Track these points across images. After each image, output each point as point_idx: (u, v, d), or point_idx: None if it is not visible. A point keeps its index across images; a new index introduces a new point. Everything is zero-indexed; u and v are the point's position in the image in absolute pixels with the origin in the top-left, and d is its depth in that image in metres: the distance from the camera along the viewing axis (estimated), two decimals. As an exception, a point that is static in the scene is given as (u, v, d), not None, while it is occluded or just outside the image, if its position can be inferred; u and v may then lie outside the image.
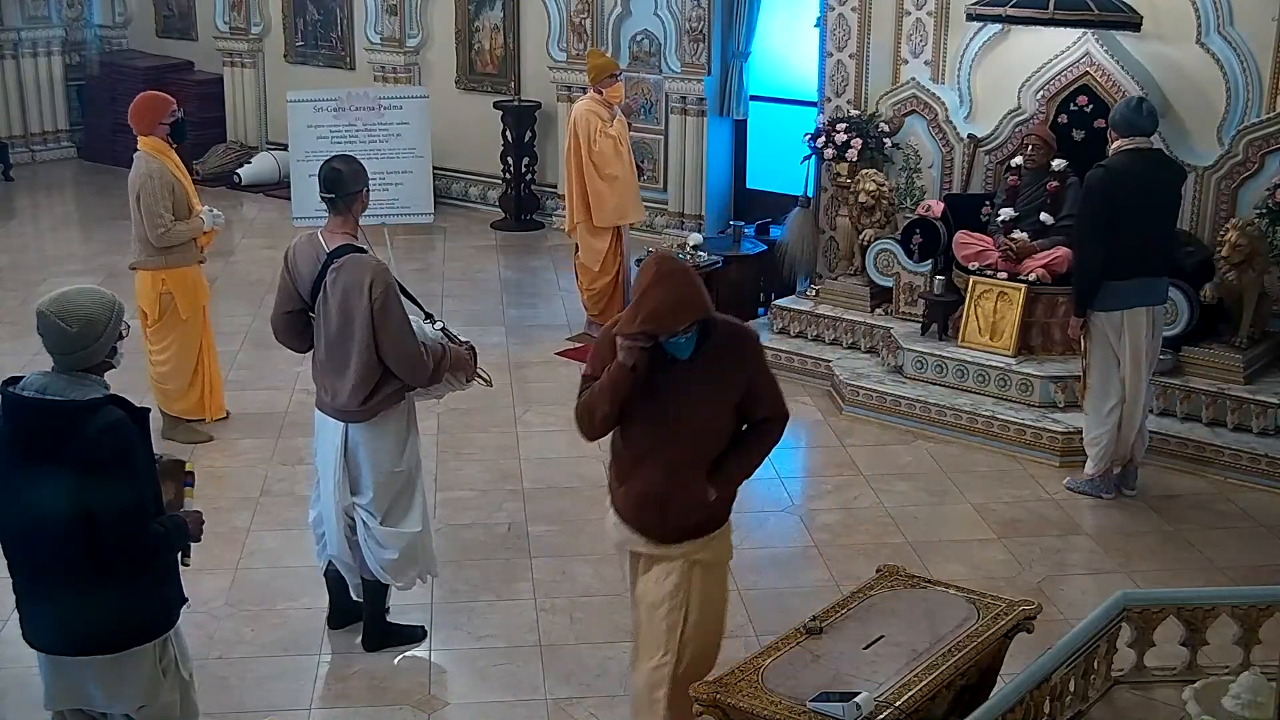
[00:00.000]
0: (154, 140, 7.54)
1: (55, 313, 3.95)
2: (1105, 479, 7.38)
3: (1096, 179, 7.08)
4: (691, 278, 4.48)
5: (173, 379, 7.82)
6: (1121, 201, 6.96)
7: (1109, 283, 7.06)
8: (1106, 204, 7.00)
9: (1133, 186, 6.98)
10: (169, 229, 7.49)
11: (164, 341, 7.76)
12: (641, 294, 4.41)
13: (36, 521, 3.96)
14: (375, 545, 5.66)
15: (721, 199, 11.72)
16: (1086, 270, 7.14)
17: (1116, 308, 7.10)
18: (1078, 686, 5.13)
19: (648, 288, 4.38)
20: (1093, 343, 7.22)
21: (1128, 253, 7.01)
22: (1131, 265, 7.05)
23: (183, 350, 7.79)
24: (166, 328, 7.73)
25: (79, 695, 4.19)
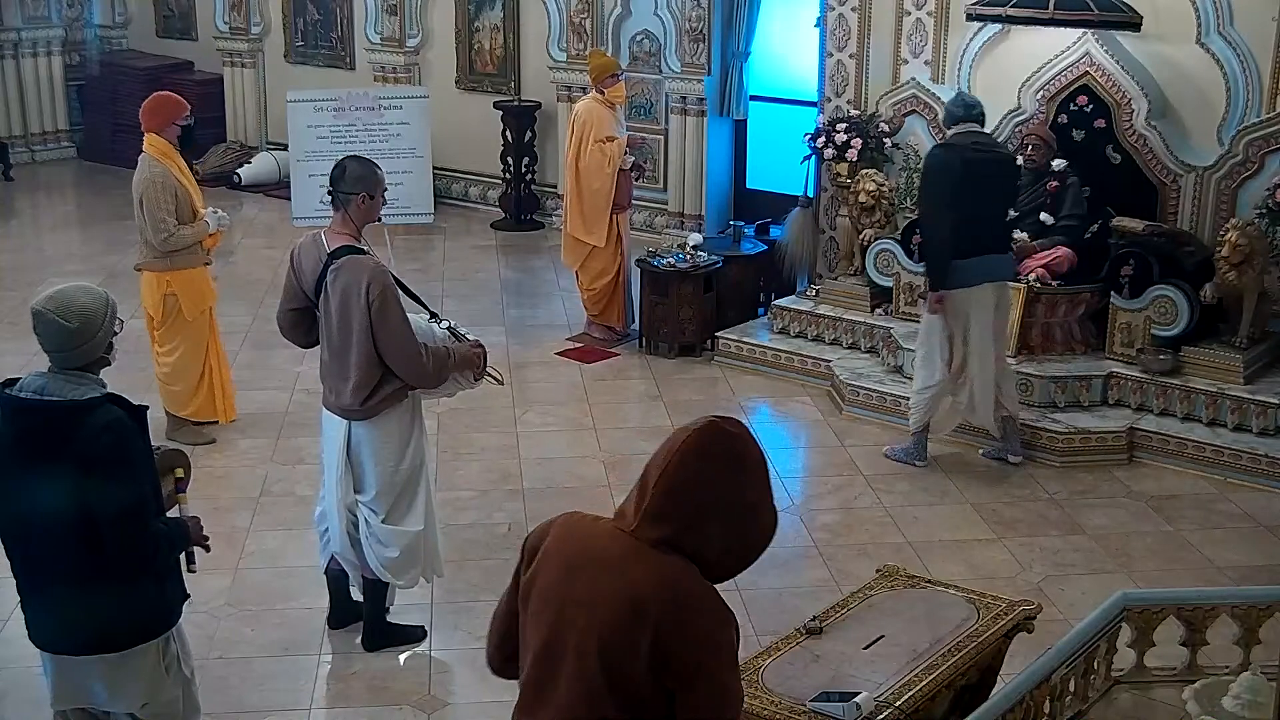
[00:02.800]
0: (161, 141, 7.50)
1: (53, 309, 3.94)
2: (918, 445, 7.65)
3: (936, 157, 7.49)
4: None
5: (179, 380, 7.81)
6: (961, 179, 7.23)
7: (954, 260, 7.31)
8: (948, 180, 7.27)
9: (969, 164, 7.26)
10: (173, 234, 7.47)
11: (170, 343, 7.75)
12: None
13: (37, 522, 3.96)
14: (377, 543, 5.66)
15: (721, 199, 11.72)
16: (937, 246, 7.39)
17: (962, 285, 7.32)
18: (1078, 686, 5.13)
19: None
20: (930, 320, 7.47)
21: (968, 230, 7.25)
22: (972, 242, 7.29)
23: (189, 352, 7.78)
24: (172, 329, 7.72)
25: (83, 694, 4.20)
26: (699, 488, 2.83)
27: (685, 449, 2.84)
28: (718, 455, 2.84)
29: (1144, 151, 8.38)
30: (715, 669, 2.80)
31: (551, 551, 2.94)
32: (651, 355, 9.35)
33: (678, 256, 9.35)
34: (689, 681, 2.76)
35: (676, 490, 2.83)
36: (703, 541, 2.83)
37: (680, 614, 2.77)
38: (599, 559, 2.85)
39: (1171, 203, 8.37)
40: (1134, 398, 7.99)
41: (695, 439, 2.85)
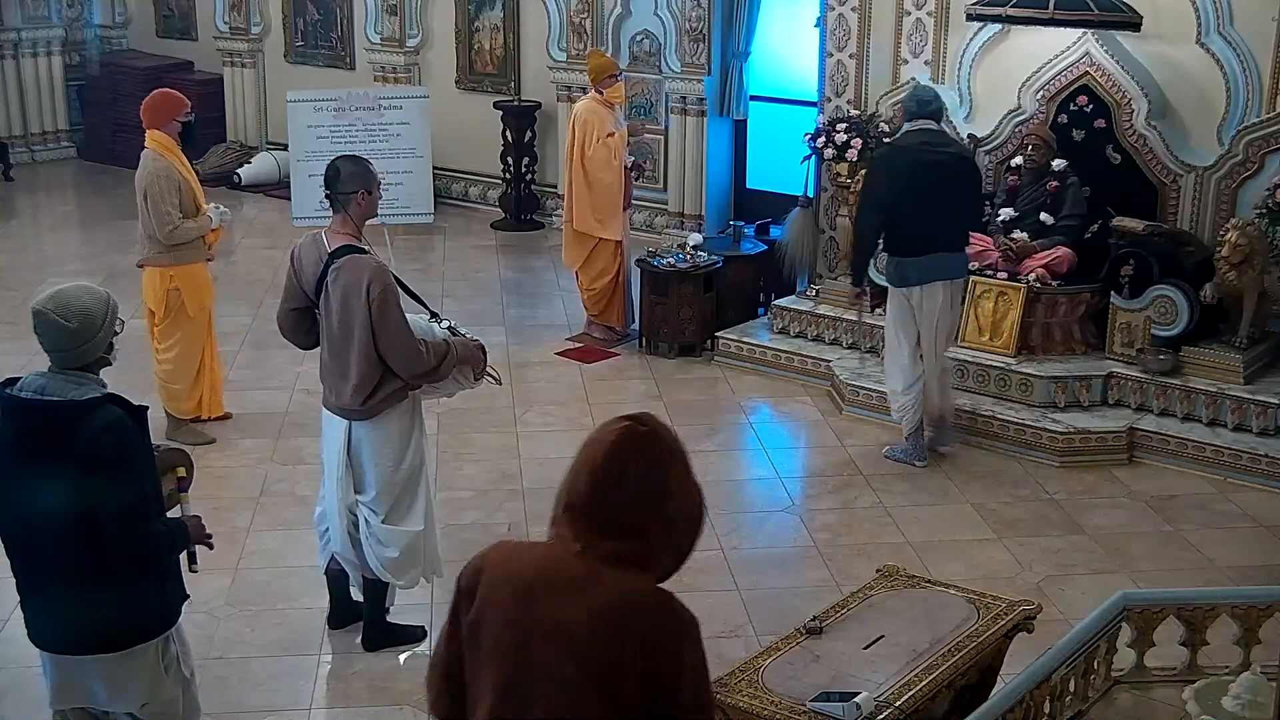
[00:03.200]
0: (163, 137, 7.54)
1: (53, 309, 3.95)
2: (916, 446, 7.69)
3: (880, 156, 7.69)
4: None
5: (178, 378, 7.82)
6: (904, 179, 7.34)
7: (901, 260, 7.48)
8: (884, 181, 7.44)
9: (916, 165, 7.35)
10: (177, 226, 7.50)
11: (169, 340, 7.76)
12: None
13: (37, 522, 3.96)
14: (376, 543, 5.66)
15: (721, 199, 11.72)
16: (859, 241, 7.70)
17: (913, 283, 7.46)
18: (1078, 686, 5.13)
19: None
20: (893, 318, 7.60)
21: (915, 230, 7.37)
22: (920, 242, 7.40)
23: (187, 348, 7.80)
24: (173, 326, 7.73)
25: (82, 694, 4.20)
26: (636, 495, 2.78)
27: (612, 458, 2.78)
28: (644, 457, 2.79)
29: (1144, 151, 8.38)
30: (697, 668, 2.80)
31: (496, 584, 2.84)
32: (651, 355, 9.35)
33: (678, 256, 9.35)
34: (675, 687, 2.76)
35: (613, 502, 2.77)
36: (651, 544, 2.79)
37: (658, 625, 2.75)
38: (555, 584, 2.77)
39: (1171, 203, 8.37)
40: (1134, 398, 7.99)
41: (619, 446, 2.78)
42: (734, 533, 6.94)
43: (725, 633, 5.99)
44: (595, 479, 2.78)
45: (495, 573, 2.87)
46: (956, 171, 7.49)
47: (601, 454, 2.78)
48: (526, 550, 2.93)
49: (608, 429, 2.81)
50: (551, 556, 2.82)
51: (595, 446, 2.81)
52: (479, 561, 2.92)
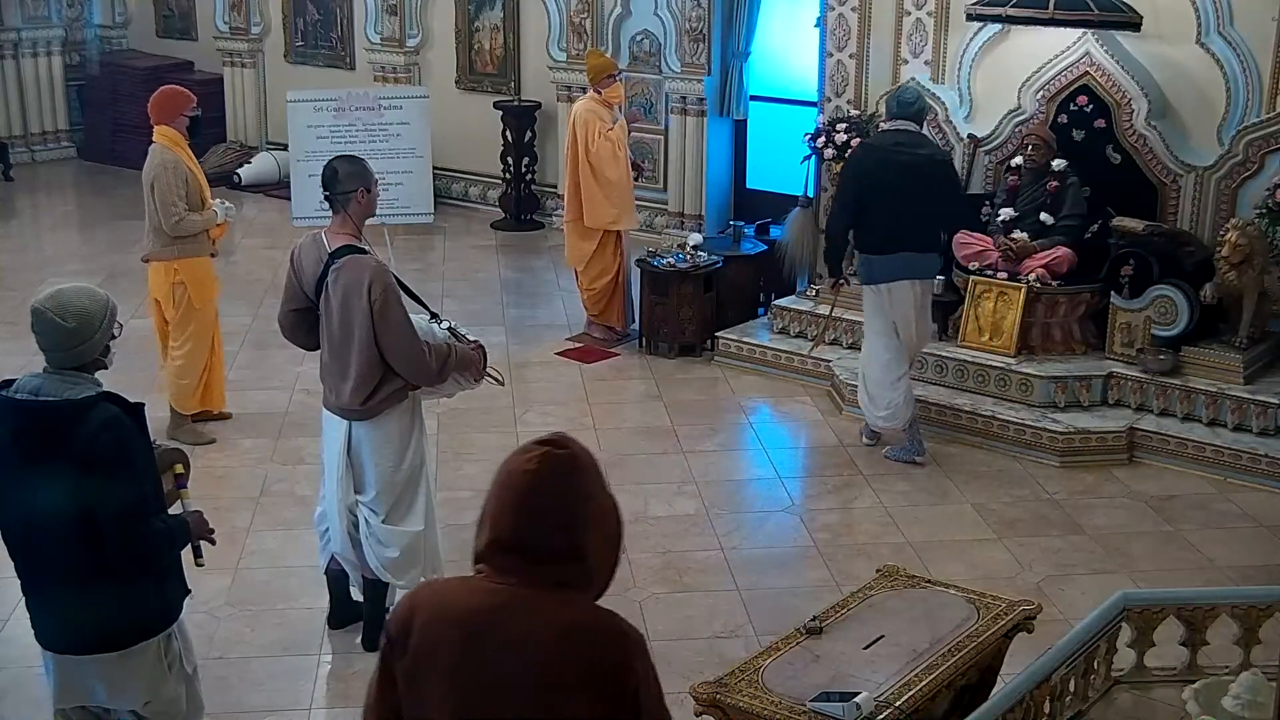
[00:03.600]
0: (171, 132, 7.59)
1: (51, 308, 3.95)
2: (914, 441, 7.75)
3: (853, 155, 7.86)
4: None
5: (188, 373, 7.85)
6: (872, 177, 7.46)
7: (869, 257, 7.60)
8: (854, 177, 7.59)
9: (886, 164, 7.45)
10: (183, 218, 7.53)
11: (183, 335, 7.80)
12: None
13: (38, 522, 3.96)
14: (377, 543, 5.66)
15: (721, 199, 11.72)
16: (829, 236, 7.90)
17: (881, 280, 7.56)
18: (1078, 686, 5.13)
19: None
20: (868, 314, 7.73)
21: (883, 228, 7.47)
22: (888, 240, 7.48)
23: (198, 344, 7.83)
24: (185, 320, 7.76)
25: (84, 693, 4.20)
26: (567, 519, 2.71)
27: (538, 488, 2.71)
28: (569, 480, 2.73)
29: (1144, 151, 8.38)
30: (650, 683, 2.78)
31: (435, 626, 2.75)
32: (651, 355, 9.35)
33: (678, 256, 9.35)
34: (633, 705, 2.74)
35: (546, 530, 2.71)
36: (588, 564, 2.74)
37: (608, 647, 2.72)
38: (498, 620, 2.70)
39: (1171, 203, 8.37)
40: (1134, 398, 7.99)
41: (543, 475, 2.71)
42: (734, 533, 6.94)
43: (725, 633, 5.99)
44: (524, 511, 2.71)
45: (430, 615, 2.77)
46: (927, 173, 7.49)
47: (527, 484, 2.71)
48: (459, 589, 2.80)
49: (526, 457, 2.73)
50: (489, 592, 2.73)
51: (518, 477, 2.72)
52: (408, 605, 2.82)
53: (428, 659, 2.74)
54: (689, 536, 6.89)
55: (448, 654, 2.73)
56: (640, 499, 7.24)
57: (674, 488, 7.42)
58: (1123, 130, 8.41)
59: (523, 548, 2.71)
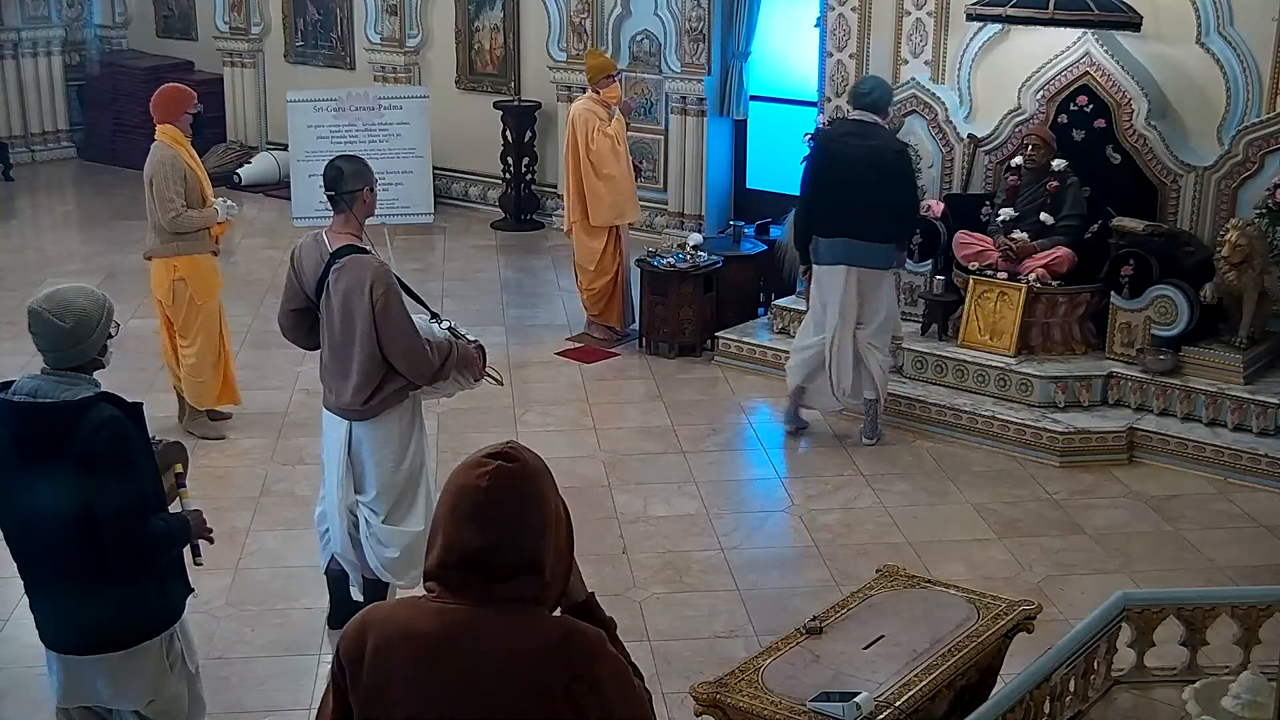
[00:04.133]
0: (173, 130, 7.61)
1: (49, 309, 3.95)
2: (789, 411, 8.12)
3: (812, 144, 8.17)
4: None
5: (202, 371, 7.85)
6: (818, 163, 7.84)
7: (815, 238, 7.87)
8: (808, 166, 7.93)
9: (830, 152, 7.82)
10: (180, 214, 7.53)
11: (190, 334, 7.79)
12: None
13: (38, 523, 3.96)
14: (377, 543, 5.66)
15: (721, 199, 11.72)
16: (794, 221, 8.17)
17: (820, 262, 7.88)
18: (1078, 686, 5.13)
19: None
20: (810, 284, 8.10)
21: (824, 213, 7.77)
22: (830, 223, 7.77)
23: (206, 340, 7.82)
24: (190, 319, 7.76)
25: (88, 692, 4.20)
26: (523, 533, 2.62)
27: (492, 504, 2.60)
28: (522, 493, 2.63)
29: (1144, 151, 8.38)
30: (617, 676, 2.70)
31: (389, 648, 2.65)
32: (651, 355, 9.35)
33: (678, 256, 9.35)
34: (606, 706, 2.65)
35: (503, 547, 2.60)
36: (542, 578, 2.65)
37: (570, 657, 2.63)
38: (453, 643, 2.60)
39: (1171, 203, 8.37)
40: (1134, 398, 7.99)
41: (496, 490, 2.61)
42: (734, 533, 6.94)
43: (725, 633, 6.00)
44: (478, 528, 2.59)
45: (381, 640, 2.66)
46: (874, 164, 7.65)
47: (482, 501, 2.60)
48: (410, 610, 2.68)
49: (477, 472, 2.62)
50: (441, 614, 2.62)
51: (470, 493, 2.61)
52: (359, 627, 2.70)
53: (382, 681, 2.65)
54: (689, 536, 6.88)
55: (401, 682, 2.64)
56: (640, 499, 7.24)
57: (674, 488, 7.42)
58: (1123, 130, 8.41)
59: (477, 565, 2.60)
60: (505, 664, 2.60)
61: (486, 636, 2.61)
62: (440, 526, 2.64)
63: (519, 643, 2.61)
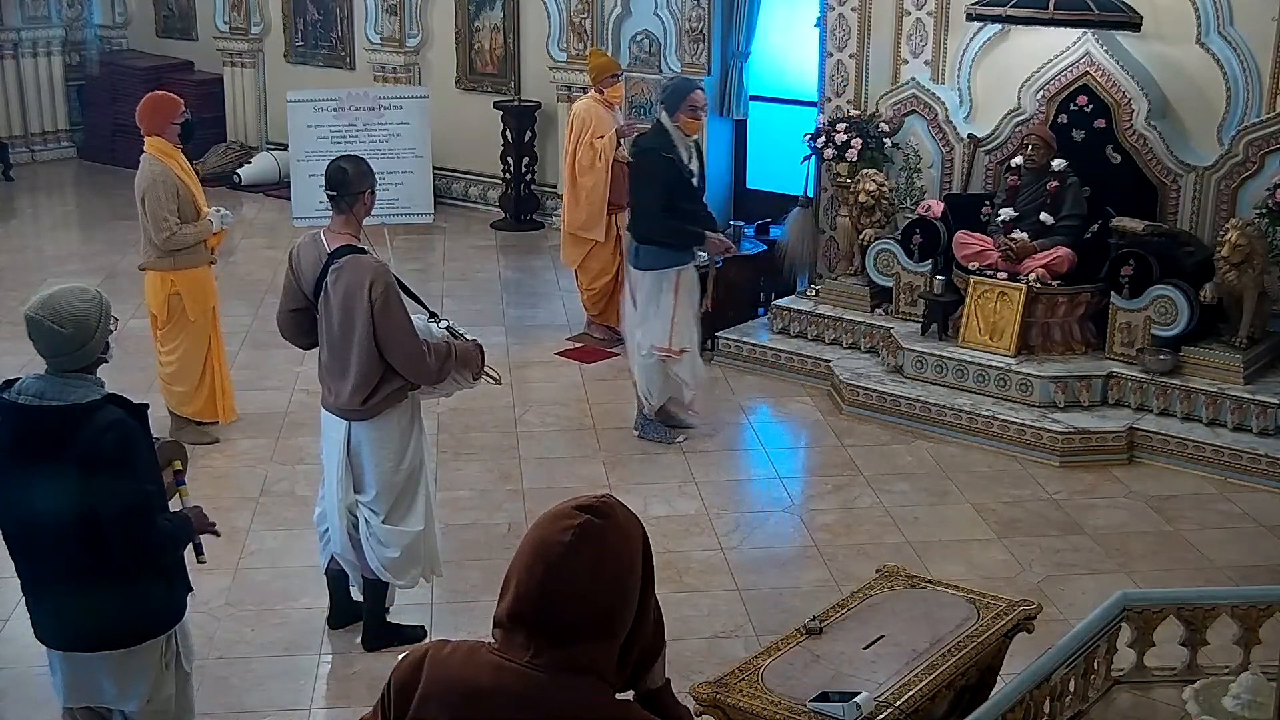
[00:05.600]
0: (161, 142, 7.51)
1: (46, 316, 3.93)
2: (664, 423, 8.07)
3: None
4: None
5: (181, 380, 7.81)
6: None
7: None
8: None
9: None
10: (174, 233, 7.47)
11: (173, 343, 7.75)
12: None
13: (43, 524, 3.96)
14: (377, 543, 5.66)
15: (721, 199, 11.69)
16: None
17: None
18: (1078, 686, 5.13)
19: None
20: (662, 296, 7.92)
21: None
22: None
23: (190, 351, 7.77)
24: (175, 329, 7.72)
25: (93, 691, 4.20)
26: (594, 600, 2.44)
27: (567, 564, 2.43)
28: (602, 557, 2.45)
29: (1144, 151, 8.38)
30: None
31: (440, 688, 2.53)
32: (651, 355, 9.34)
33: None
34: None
35: (569, 611, 2.43)
36: (611, 651, 2.48)
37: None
38: (506, 697, 2.46)
39: (1171, 203, 8.37)
40: (1134, 398, 7.99)
41: (576, 550, 2.43)
42: (734, 533, 6.94)
43: (725, 633, 6.00)
44: (549, 587, 2.43)
45: (432, 685, 2.54)
46: (633, 164, 7.95)
47: (556, 558, 2.43)
48: (468, 660, 2.54)
49: (561, 525, 2.45)
50: (497, 670, 2.48)
51: (548, 549, 2.44)
52: (416, 662, 2.59)
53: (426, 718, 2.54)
54: (689, 536, 6.89)
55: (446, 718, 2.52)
56: (640, 499, 7.24)
57: (674, 488, 7.42)
58: (1123, 130, 8.41)
59: (545, 626, 2.44)
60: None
61: (536, 702, 2.44)
62: (514, 576, 2.48)
63: (568, 714, 2.43)
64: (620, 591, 2.48)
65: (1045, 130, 8.47)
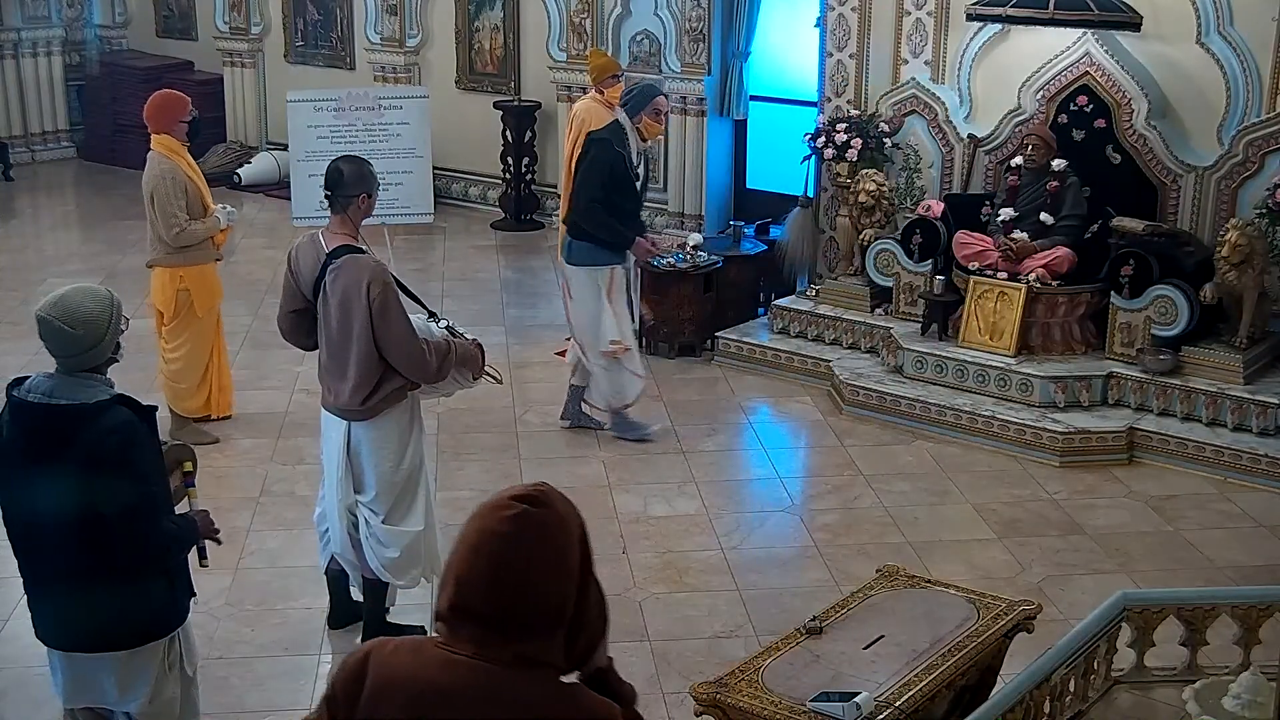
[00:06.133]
0: (168, 139, 7.57)
1: (57, 316, 3.93)
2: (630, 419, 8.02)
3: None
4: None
5: (185, 377, 7.83)
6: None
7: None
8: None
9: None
10: (184, 228, 7.52)
11: (178, 339, 7.78)
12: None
13: (49, 523, 3.95)
14: (377, 544, 5.66)
15: (721, 199, 11.71)
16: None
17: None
18: (1078, 686, 5.13)
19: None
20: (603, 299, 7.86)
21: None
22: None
23: (196, 348, 7.82)
24: (181, 326, 7.76)
25: (95, 691, 4.20)
26: (539, 590, 2.44)
27: (508, 554, 2.43)
28: (543, 546, 2.46)
29: (1144, 151, 8.38)
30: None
31: (385, 696, 2.51)
32: (651, 355, 9.34)
33: (678, 256, 9.35)
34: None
35: (514, 603, 2.44)
36: (556, 638, 2.48)
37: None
38: (451, 701, 2.45)
39: (1171, 203, 8.37)
40: (1134, 398, 7.99)
41: (516, 540, 2.44)
42: (734, 533, 6.94)
43: (725, 633, 5.99)
44: (491, 578, 2.43)
45: (385, 680, 2.52)
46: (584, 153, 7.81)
47: (497, 549, 2.43)
48: (414, 655, 2.53)
49: (499, 515, 2.45)
50: (444, 665, 2.47)
51: (489, 539, 2.45)
52: (360, 662, 2.57)
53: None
54: (689, 536, 6.89)
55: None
56: (640, 499, 7.24)
57: (674, 488, 7.43)
58: (1123, 130, 8.41)
59: (487, 617, 2.44)
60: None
61: (489, 697, 2.44)
62: (453, 568, 2.48)
63: (523, 707, 2.45)
64: (561, 578, 2.47)
65: (1045, 130, 8.47)
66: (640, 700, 2.75)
